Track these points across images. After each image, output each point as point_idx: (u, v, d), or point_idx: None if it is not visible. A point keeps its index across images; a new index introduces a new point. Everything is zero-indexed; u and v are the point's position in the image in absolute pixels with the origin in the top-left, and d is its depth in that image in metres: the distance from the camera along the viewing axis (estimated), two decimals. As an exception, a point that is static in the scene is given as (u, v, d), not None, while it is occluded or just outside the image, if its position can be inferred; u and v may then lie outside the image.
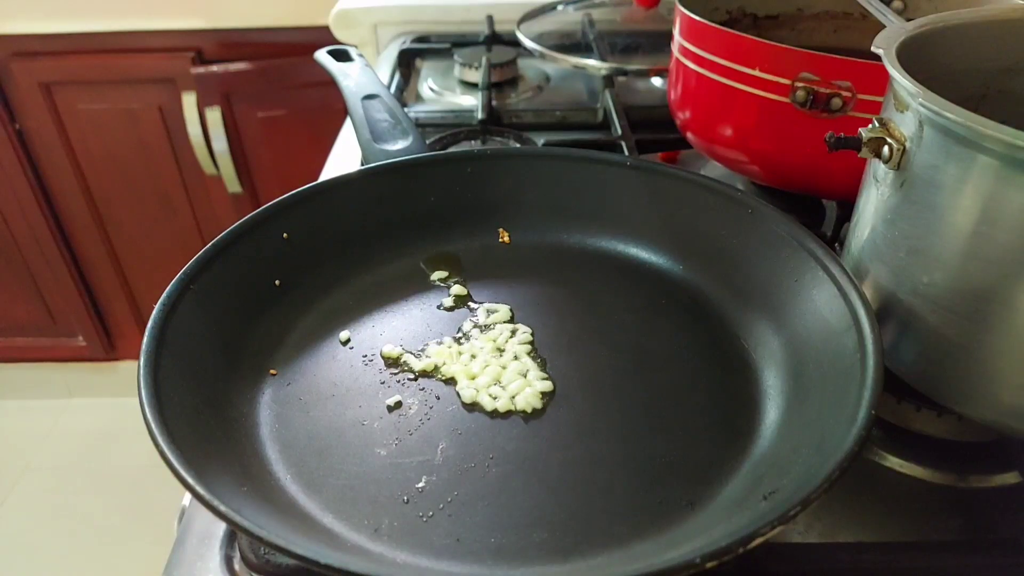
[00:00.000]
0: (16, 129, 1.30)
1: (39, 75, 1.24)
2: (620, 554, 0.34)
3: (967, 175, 0.33)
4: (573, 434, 0.40)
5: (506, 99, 0.85)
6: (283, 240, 0.48)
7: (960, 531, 0.39)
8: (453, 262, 0.53)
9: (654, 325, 0.47)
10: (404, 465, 0.38)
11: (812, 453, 0.33)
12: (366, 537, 0.34)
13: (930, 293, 0.36)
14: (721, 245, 0.49)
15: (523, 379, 0.43)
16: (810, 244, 0.43)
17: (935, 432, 0.42)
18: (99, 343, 1.59)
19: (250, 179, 1.35)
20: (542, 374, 0.43)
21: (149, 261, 1.48)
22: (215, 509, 0.28)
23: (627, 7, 0.99)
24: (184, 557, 0.37)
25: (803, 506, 0.28)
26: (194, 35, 1.22)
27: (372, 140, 0.57)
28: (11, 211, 1.38)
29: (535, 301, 0.49)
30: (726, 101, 0.54)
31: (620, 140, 0.70)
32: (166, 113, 1.28)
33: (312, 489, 0.36)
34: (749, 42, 0.51)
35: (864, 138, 0.37)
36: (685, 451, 0.39)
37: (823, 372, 0.38)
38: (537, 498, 0.36)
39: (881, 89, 0.39)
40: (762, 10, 0.67)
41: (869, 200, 0.40)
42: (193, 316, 0.40)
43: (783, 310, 0.44)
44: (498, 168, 0.54)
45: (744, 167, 0.58)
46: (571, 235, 0.54)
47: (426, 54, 0.97)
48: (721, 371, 0.44)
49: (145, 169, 1.35)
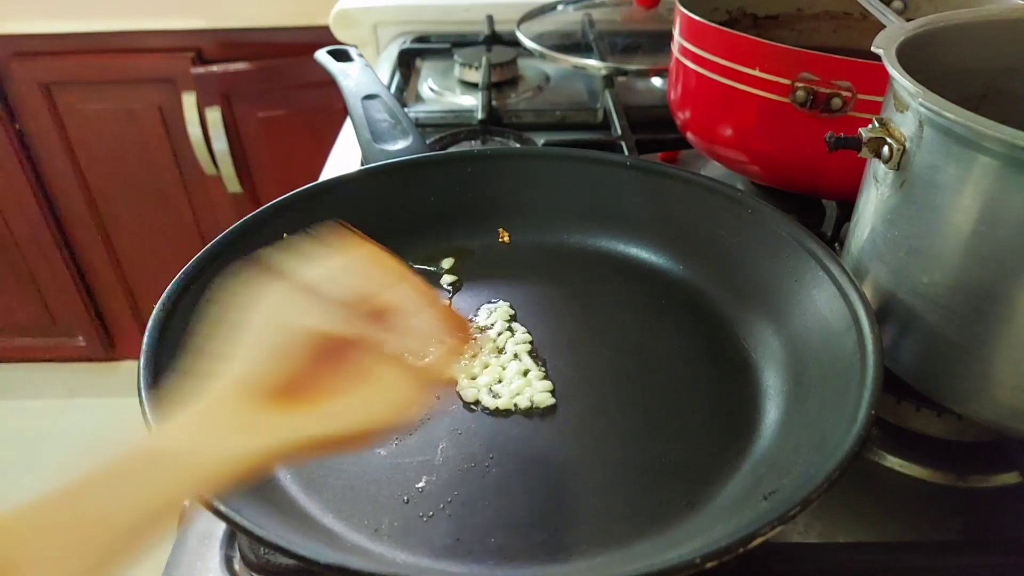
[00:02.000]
0: (16, 129, 1.30)
1: (39, 75, 1.24)
2: (620, 554, 0.34)
3: (967, 175, 0.33)
4: (573, 434, 0.40)
5: (506, 99, 0.85)
6: (283, 240, 0.48)
7: (960, 531, 0.39)
8: (454, 259, 0.53)
9: (654, 325, 0.47)
10: (404, 465, 0.38)
11: (812, 453, 0.33)
12: (366, 537, 0.34)
13: (930, 293, 0.36)
14: (721, 245, 0.49)
15: (524, 378, 0.43)
16: (810, 244, 0.43)
17: (935, 432, 0.42)
18: (99, 343, 1.59)
19: (250, 179, 1.35)
20: (542, 372, 0.43)
21: (149, 261, 1.48)
22: (215, 509, 0.28)
23: (627, 7, 0.99)
24: (184, 557, 0.37)
25: (803, 506, 0.28)
26: (194, 35, 1.22)
27: (372, 140, 0.57)
28: (11, 211, 1.38)
29: (535, 301, 0.49)
30: (726, 101, 0.54)
31: (620, 140, 0.70)
32: (166, 113, 1.28)
33: (312, 489, 0.36)
34: (749, 42, 0.51)
35: (864, 138, 0.37)
36: (685, 451, 0.39)
37: (823, 372, 0.38)
38: (537, 498, 0.36)
39: (881, 89, 0.39)
40: (762, 10, 0.67)
41: (869, 200, 0.40)
42: (193, 316, 0.40)
43: (783, 310, 0.44)
44: (498, 168, 0.54)
45: (744, 167, 0.58)
46: (571, 235, 0.54)
47: (426, 54, 0.97)
48: (721, 371, 0.44)
49: (145, 169, 1.35)
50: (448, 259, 0.53)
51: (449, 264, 0.52)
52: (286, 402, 0.26)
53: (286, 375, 0.27)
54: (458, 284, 0.51)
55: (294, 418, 0.26)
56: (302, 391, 0.27)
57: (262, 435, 0.25)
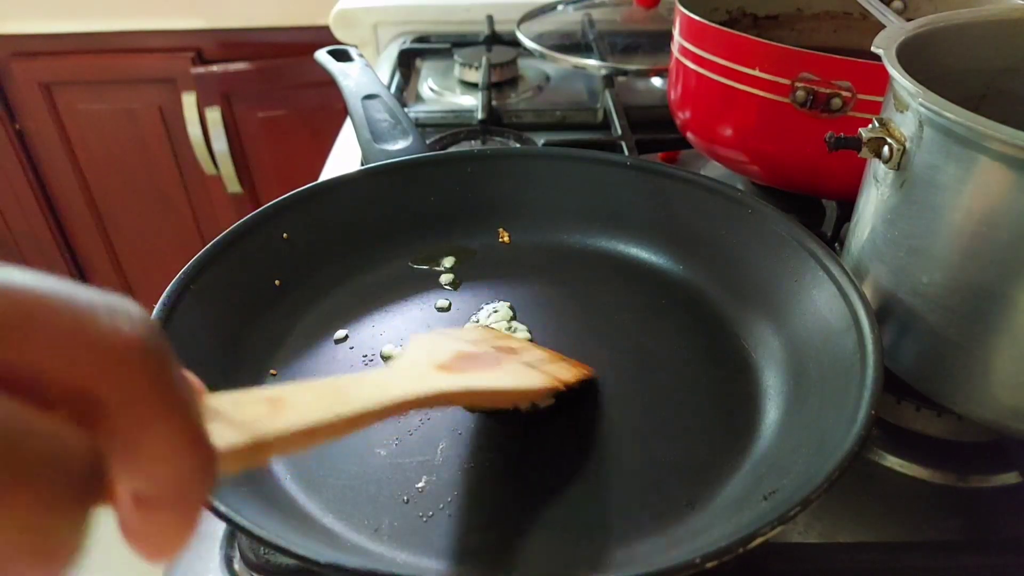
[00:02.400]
0: (16, 129, 1.30)
1: (39, 75, 1.24)
2: (620, 554, 0.34)
3: (967, 175, 0.33)
4: (573, 434, 0.40)
5: (506, 99, 0.85)
6: (283, 240, 0.48)
7: (960, 531, 0.39)
8: (454, 259, 0.53)
9: (654, 325, 0.47)
10: (404, 465, 0.38)
11: (812, 453, 0.33)
12: (366, 537, 0.34)
13: (930, 293, 0.36)
14: (721, 245, 0.49)
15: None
16: (810, 244, 0.43)
17: (935, 432, 0.42)
18: (99, 343, 1.59)
19: (250, 179, 1.35)
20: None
21: (149, 261, 1.48)
22: (215, 509, 0.28)
23: (627, 7, 0.99)
24: (184, 557, 0.37)
25: (803, 506, 0.28)
26: (194, 35, 1.22)
27: (372, 140, 0.57)
28: (11, 211, 1.38)
29: (535, 301, 0.49)
30: (726, 101, 0.54)
31: (620, 140, 0.70)
32: (166, 113, 1.28)
33: (312, 489, 0.36)
34: (749, 42, 0.51)
35: (864, 138, 0.37)
36: (685, 451, 0.39)
37: (823, 372, 0.38)
38: (537, 498, 0.36)
39: (881, 89, 0.39)
40: (762, 10, 0.67)
41: (869, 200, 0.40)
42: (193, 316, 0.40)
43: (783, 310, 0.44)
44: (498, 168, 0.54)
45: (744, 167, 0.58)
46: (571, 235, 0.54)
47: (426, 54, 0.97)
48: (721, 371, 0.44)
49: (145, 169, 1.35)
50: (448, 259, 0.53)
51: (449, 264, 0.52)
52: (449, 370, 0.33)
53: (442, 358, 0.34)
54: (458, 284, 0.51)
55: (458, 376, 0.33)
56: (456, 369, 0.34)
57: (441, 382, 0.31)
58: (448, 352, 0.35)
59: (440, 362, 0.33)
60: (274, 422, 0.21)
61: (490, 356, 0.37)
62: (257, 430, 0.20)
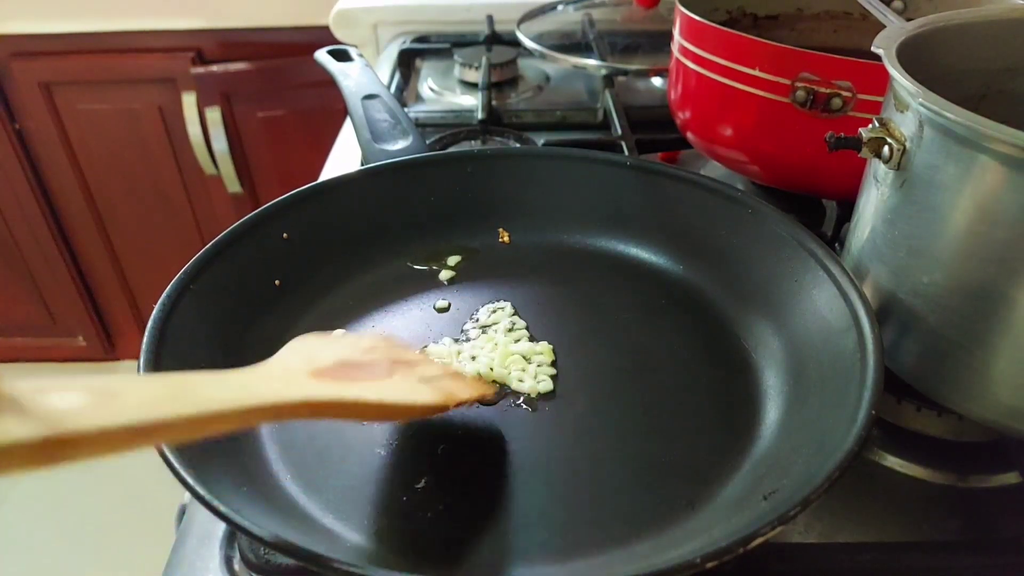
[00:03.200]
0: (16, 129, 1.30)
1: (39, 75, 1.24)
2: (620, 554, 0.33)
3: (967, 175, 0.33)
4: (573, 434, 0.40)
5: (506, 99, 0.85)
6: (283, 240, 0.48)
7: (960, 531, 0.39)
8: (454, 259, 0.53)
9: (654, 325, 0.47)
10: (404, 465, 0.38)
11: (812, 453, 0.33)
12: (366, 537, 0.34)
13: (930, 293, 0.36)
14: (721, 245, 0.49)
15: (526, 363, 0.44)
16: (810, 244, 0.43)
17: (935, 432, 0.42)
18: (99, 343, 1.59)
19: (250, 179, 1.35)
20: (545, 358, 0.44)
21: (149, 261, 1.48)
22: (215, 509, 0.28)
23: (627, 7, 0.99)
24: (184, 557, 0.37)
25: (803, 506, 0.28)
26: (194, 35, 1.22)
27: (372, 140, 0.57)
28: (11, 211, 1.38)
29: (535, 301, 0.49)
30: (726, 101, 0.54)
31: (620, 140, 0.70)
32: (166, 113, 1.28)
33: (312, 489, 0.36)
34: (749, 42, 0.51)
35: (864, 138, 0.37)
36: (685, 451, 0.39)
37: (823, 372, 0.38)
38: (537, 498, 0.36)
39: (881, 89, 0.39)
40: (762, 10, 0.67)
41: (869, 200, 0.40)
42: (193, 316, 0.40)
43: (783, 310, 0.44)
44: (498, 168, 0.54)
45: (744, 167, 0.58)
46: (571, 235, 0.54)
47: (426, 54, 0.97)
48: (721, 371, 0.44)
49: (145, 169, 1.35)
50: (448, 259, 0.53)
51: (449, 264, 0.52)
52: (326, 377, 0.31)
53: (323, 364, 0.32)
54: (458, 284, 0.51)
55: (335, 384, 0.31)
56: (335, 377, 0.32)
57: (312, 389, 0.30)
58: (329, 358, 0.33)
59: (317, 368, 0.31)
60: (91, 417, 0.19)
61: (379, 367, 0.35)
62: (60, 425, 0.18)
